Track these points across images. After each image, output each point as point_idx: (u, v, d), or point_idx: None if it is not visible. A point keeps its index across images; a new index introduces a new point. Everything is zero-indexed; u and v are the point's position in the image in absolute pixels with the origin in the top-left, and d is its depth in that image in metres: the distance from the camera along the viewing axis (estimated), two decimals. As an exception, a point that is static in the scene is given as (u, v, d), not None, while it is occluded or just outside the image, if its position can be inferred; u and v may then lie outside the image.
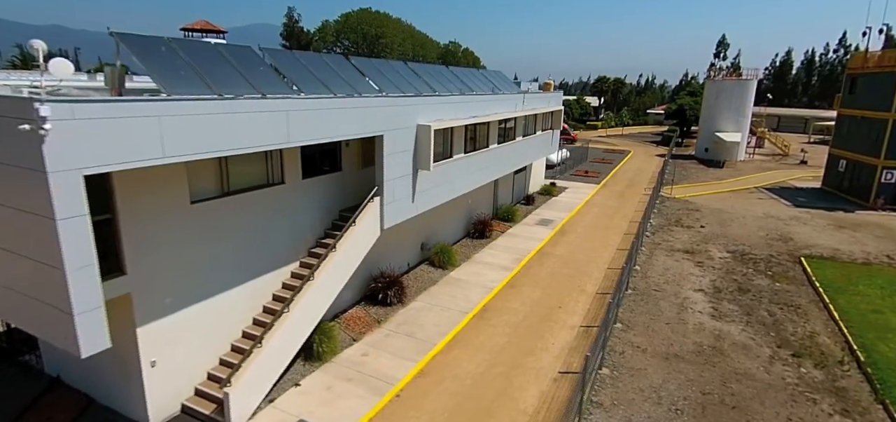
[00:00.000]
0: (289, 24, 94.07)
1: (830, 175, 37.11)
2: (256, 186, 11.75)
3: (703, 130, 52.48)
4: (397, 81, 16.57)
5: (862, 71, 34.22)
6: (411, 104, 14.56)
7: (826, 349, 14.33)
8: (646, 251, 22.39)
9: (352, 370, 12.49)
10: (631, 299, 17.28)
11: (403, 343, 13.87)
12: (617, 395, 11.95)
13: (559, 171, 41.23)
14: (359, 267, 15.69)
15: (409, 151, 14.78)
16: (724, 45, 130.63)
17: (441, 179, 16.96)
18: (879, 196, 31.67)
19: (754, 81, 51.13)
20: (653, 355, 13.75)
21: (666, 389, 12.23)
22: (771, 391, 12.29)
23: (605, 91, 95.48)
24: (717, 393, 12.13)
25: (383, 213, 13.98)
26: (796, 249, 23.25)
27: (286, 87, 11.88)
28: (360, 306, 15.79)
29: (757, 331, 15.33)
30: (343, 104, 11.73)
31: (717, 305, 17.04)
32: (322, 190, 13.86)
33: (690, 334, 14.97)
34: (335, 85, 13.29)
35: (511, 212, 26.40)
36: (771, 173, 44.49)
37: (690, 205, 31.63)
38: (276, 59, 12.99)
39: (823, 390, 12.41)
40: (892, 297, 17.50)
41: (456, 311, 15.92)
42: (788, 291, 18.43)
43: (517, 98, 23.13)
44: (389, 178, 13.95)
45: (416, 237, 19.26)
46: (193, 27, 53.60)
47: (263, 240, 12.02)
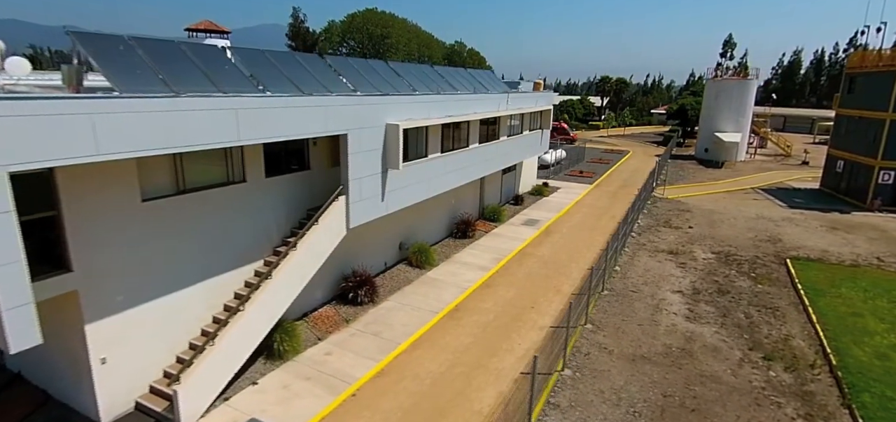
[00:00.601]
0: (294, 24, 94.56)
1: (828, 176, 36.57)
2: (215, 184, 11.75)
3: (703, 131, 51.95)
4: (375, 81, 16.54)
5: (860, 70, 33.68)
6: (380, 103, 14.51)
7: (799, 352, 14.09)
8: (629, 252, 22.19)
9: (312, 369, 12.47)
10: (606, 300, 17.12)
11: (368, 342, 13.83)
12: (576, 396, 11.82)
13: (554, 171, 41.02)
14: (330, 266, 15.78)
15: (378, 150, 14.73)
16: (730, 45, 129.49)
17: (414, 179, 16.89)
18: (876, 197, 31.16)
19: (755, 81, 50.56)
20: (619, 357, 13.59)
21: (627, 391, 12.08)
22: (735, 395, 12.09)
23: (607, 91, 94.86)
24: (679, 396, 11.96)
25: (349, 212, 13.93)
26: (784, 251, 22.92)
27: (251, 85, 11.93)
28: (331, 305, 15.78)
29: (730, 333, 15.11)
30: (301, 102, 11.70)
31: (694, 306, 16.82)
32: (288, 189, 13.85)
33: (661, 336, 14.78)
34: (306, 84, 13.28)
35: (497, 212, 26.28)
36: (770, 174, 43.94)
37: (682, 206, 31.31)
38: (245, 58, 13.03)
39: (790, 394, 12.19)
40: (873, 300, 17.17)
41: (426, 311, 15.85)
42: (769, 293, 18.16)
43: (500, 98, 23.01)
44: (355, 177, 13.90)
45: (393, 236, 19.22)
46: (197, 27, 53.94)
47: (223, 238, 12.02)
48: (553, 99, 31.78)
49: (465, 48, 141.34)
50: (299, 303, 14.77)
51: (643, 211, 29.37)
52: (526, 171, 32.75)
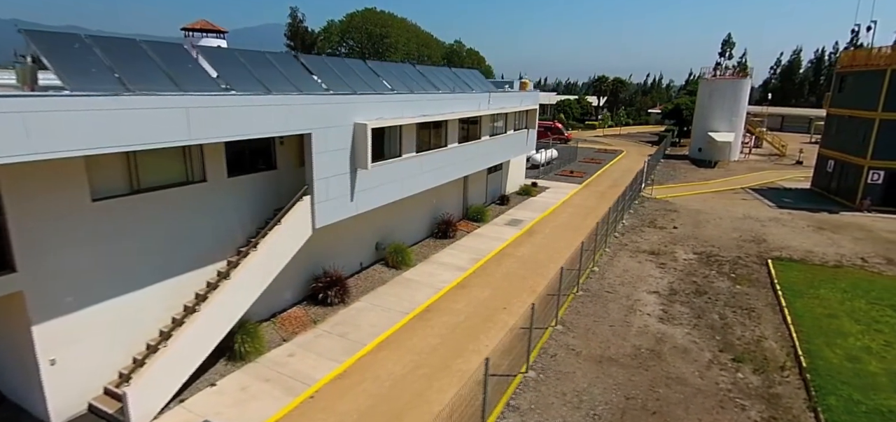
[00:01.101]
0: (293, 24, 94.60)
1: (819, 176, 36.33)
2: (173, 183, 11.63)
3: (697, 130, 51.71)
4: (351, 80, 16.44)
5: (851, 69, 33.44)
6: (347, 102, 14.39)
7: (770, 354, 13.91)
8: (610, 252, 22.02)
9: (273, 371, 12.35)
10: (580, 300, 16.97)
11: (333, 344, 13.71)
12: (537, 399, 11.67)
13: (544, 170, 40.86)
14: (300, 266, 15.70)
15: (346, 149, 14.61)
16: (729, 45, 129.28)
17: (387, 178, 16.77)
18: (866, 197, 30.92)
19: (748, 81, 50.29)
20: (586, 358, 13.45)
21: (590, 393, 11.93)
22: (699, 397, 11.93)
23: (604, 91, 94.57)
24: (642, 398, 11.80)
25: (315, 212, 13.81)
26: (767, 251, 22.72)
27: (214, 84, 11.85)
28: (301, 306, 15.66)
29: (702, 334, 14.94)
30: (259, 101, 11.58)
31: (669, 307, 16.66)
32: (253, 188, 13.72)
33: (632, 337, 14.63)
34: (276, 84, 13.20)
35: (481, 212, 26.13)
36: (762, 174, 43.70)
37: (669, 206, 31.12)
38: (213, 58, 12.96)
39: (755, 397, 12.02)
40: (851, 301, 16.98)
41: (397, 312, 15.72)
42: (747, 293, 17.98)
43: (481, 97, 22.87)
44: (321, 176, 13.79)
45: (369, 236, 19.10)
46: (193, 27, 53.93)
47: (183, 239, 11.91)
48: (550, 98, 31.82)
49: (464, 48, 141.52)
50: (267, 303, 14.73)
51: (629, 211, 29.20)
52: (513, 170, 32.59)
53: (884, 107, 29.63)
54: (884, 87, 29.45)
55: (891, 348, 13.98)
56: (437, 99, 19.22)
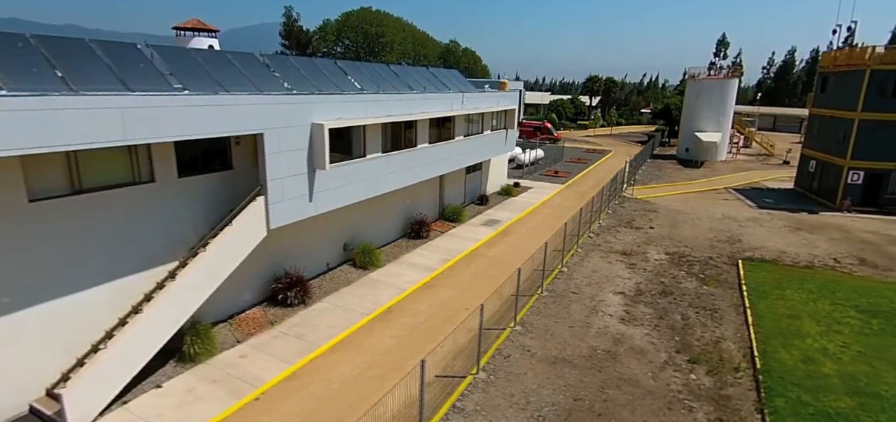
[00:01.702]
0: (287, 23, 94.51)
1: (802, 176, 36.31)
2: (118, 184, 11.56)
3: (684, 130, 51.69)
4: (318, 80, 16.44)
5: (832, 69, 33.41)
6: (303, 102, 14.33)
7: (726, 356, 13.87)
8: (582, 252, 21.98)
9: (222, 372, 12.29)
10: (543, 301, 16.93)
11: (288, 345, 13.64)
12: (484, 400, 11.62)
13: (529, 171, 40.83)
14: (260, 267, 15.65)
15: (303, 149, 14.55)
16: (724, 44, 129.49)
17: (350, 179, 16.71)
18: (846, 197, 30.89)
19: (735, 81, 50.27)
20: (541, 359, 13.40)
21: (538, 394, 11.88)
22: (649, 398, 11.89)
23: (596, 90, 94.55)
24: (590, 399, 11.76)
25: (269, 212, 13.74)
26: (740, 252, 22.69)
27: (166, 84, 11.81)
28: (261, 307, 15.60)
29: (662, 335, 14.90)
30: (205, 101, 11.51)
31: (632, 308, 16.61)
32: (208, 189, 13.63)
33: (590, 338, 14.58)
34: (236, 83, 13.20)
35: (458, 212, 26.07)
36: (747, 174, 43.68)
37: (649, 206, 31.08)
38: (168, 58, 12.91)
39: (705, 398, 11.98)
40: (816, 302, 16.94)
41: (358, 312, 15.66)
42: (713, 294, 17.94)
43: (454, 97, 22.80)
44: (276, 177, 13.72)
45: (337, 236, 19.04)
46: (184, 26, 53.94)
47: (130, 240, 11.82)
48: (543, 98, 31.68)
49: (459, 47, 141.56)
50: (225, 305, 14.69)
51: (608, 211, 29.17)
52: (494, 170, 32.53)
53: (863, 107, 29.60)
54: (863, 87, 29.42)
55: (848, 349, 13.94)
56: (406, 99, 19.15)
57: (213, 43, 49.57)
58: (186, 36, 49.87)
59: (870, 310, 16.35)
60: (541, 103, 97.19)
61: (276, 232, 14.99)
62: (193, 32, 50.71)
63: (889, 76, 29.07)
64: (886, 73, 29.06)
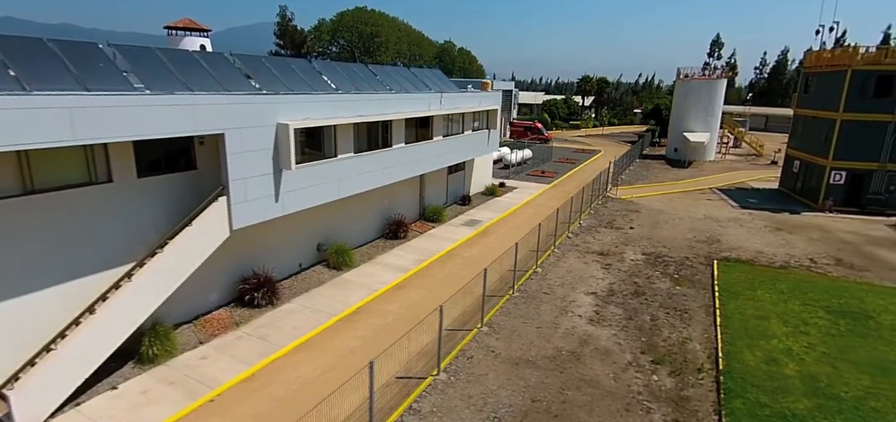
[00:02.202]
0: (282, 23, 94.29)
1: (786, 176, 36.37)
2: (73, 184, 11.47)
3: (673, 131, 51.74)
4: (291, 81, 16.38)
5: (816, 70, 33.46)
6: (267, 102, 14.25)
7: (691, 357, 13.85)
8: (558, 253, 21.95)
9: (180, 374, 12.21)
10: (514, 301, 16.90)
11: (251, 346, 13.57)
12: (442, 402, 11.58)
13: (515, 171, 40.81)
14: (228, 268, 15.59)
15: (268, 149, 14.47)
16: (718, 45, 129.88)
17: (320, 179, 16.64)
18: (828, 197, 30.95)
19: (723, 82, 50.28)
20: (504, 360, 13.35)
21: (497, 396, 11.84)
22: (607, 400, 11.85)
23: (588, 91, 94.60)
24: (548, 401, 11.72)
25: (232, 213, 13.66)
26: (718, 252, 22.69)
27: (126, 83, 11.73)
28: (228, 308, 15.52)
29: (629, 336, 14.87)
30: (158, 101, 11.40)
31: (602, 309, 16.59)
32: (170, 189, 13.54)
33: (556, 339, 14.54)
34: (202, 84, 13.13)
35: (438, 212, 26.02)
36: (734, 174, 43.74)
37: (632, 206, 31.08)
38: (131, 57, 12.83)
39: (664, 400, 11.95)
40: (786, 302, 16.94)
41: (326, 313, 15.59)
42: (685, 295, 17.93)
43: (432, 97, 22.76)
44: (238, 177, 13.64)
45: (310, 237, 18.96)
46: (176, 25, 53.72)
47: (86, 241, 11.72)
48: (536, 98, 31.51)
49: (455, 47, 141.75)
50: (190, 305, 14.64)
51: (590, 211, 29.16)
52: (478, 170, 32.48)
53: (844, 107, 29.66)
54: (844, 87, 29.47)
55: (812, 350, 13.94)
56: (378, 99, 19.09)
57: (205, 43, 49.34)
58: (178, 35, 49.66)
59: (839, 311, 16.36)
60: (534, 103, 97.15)
61: (244, 232, 14.94)
62: (185, 32, 50.53)
63: (870, 76, 29.14)
64: (867, 74, 29.13)
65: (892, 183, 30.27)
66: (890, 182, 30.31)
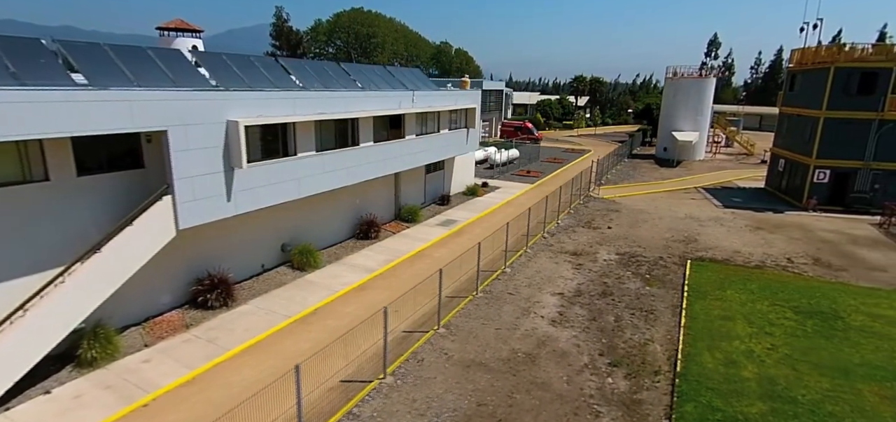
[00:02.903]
0: (278, 23, 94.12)
1: (772, 175, 36.00)
2: (6, 182, 11.15)
3: (662, 130, 51.37)
4: (254, 78, 16.10)
5: (800, 68, 33.09)
6: (216, 98, 13.92)
7: (650, 359, 13.48)
8: (531, 253, 21.60)
9: (119, 377, 11.87)
10: (476, 302, 16.55)
11: (197, 349, 13.22)
12: (384, 406, 11.23)
13: (501, 170, 40.47)
14: (182, 268, 15.28)
15: (218, 147, 14.14)
16: (715, 45, 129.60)
17: (277, 177, 16.31)
18: (812, 196, 30.55)
19: (712, 81, 49.92)
20: (456, 363, 13.00)
21: (442, 399, 11.49)
22: (556, 403, 11.49)
23: (581, 90, 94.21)
24: (495, 404, 11.36)
25: (178, 212, 13.31)
26: (694, 252, 22.32)
27: (67, 79, 11.43)
28: (181, 310, 15.18)
29: (590, 337, 14.51)
30: (90, 97, 11.07)
31: (566, 310, 16.22)
32: (114, 188, 13.21)
33: (514, 341, 14.18)
34: (153, 80, 12.86)
35: (414, 212, 25.68)
36: (722, 173, 43.36)
37: (613, 206, 30.71)
38: (77, 54, 12.53)
39: (616, 403, 11.59)
40: (755, 303, 16.56)
41: (281, 315, 15.24)
42: (654, 295, 17.55)
43: (403, 95, 22.42)
44: (185, 175, 13.31)
45: (273, 237, 18.62)
46: (168, 26, 53.61)
47: (19, 240, 11.41)
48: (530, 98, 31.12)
49: (452, 48, 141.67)
50: (141, 307, 14.35)
51: (569, 211, 28.80)
52: (459, 170, 32.13)
53: (827, 105, 29.28)
54: (827, 85, 29.10)
55: (774, 351, 13.57)
56: (341, 96, 18.75)
57: (197, 43, 49.19)
58: (170, 36, 49.52)
59: (808, 311, 15.98)
60: (529, 103, 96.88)
61: (198, 232, 14.68)
62: (177, 32, 50.38)
63: (854, 73, 28.77)
64: (851, 71, 28.76)
65: (876, 182, 29.89)
66: (874, 181, 29.93)
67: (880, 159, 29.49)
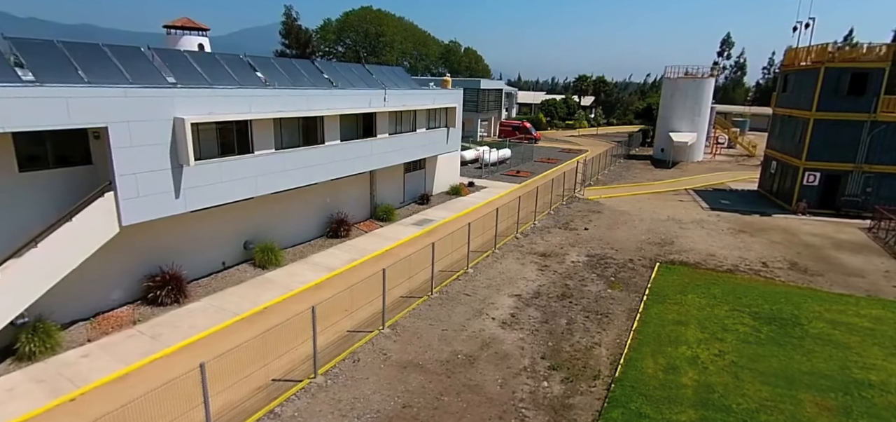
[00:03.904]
0: (287, 22, 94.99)
1: (764, 177, 35.28)
2: (-61, 178, 11.35)
3: (660, 130, 50.65)
4: (216, 75, 16.28)
5: (793, 68, 32.35)
6: (161, 95, 13.97)
7: (593, 363, 13.25)
8: (499, 254, 21.43)
9: (55, 372, 11.98)
10: (429, 303, 16.44)
11: (137, 345, 13.30)
12: (307, 406, 11.18)
13: (490, 170, 40.25)
14: (135, 264, 15.43)
15: (165, 144, 14.21)
16: (728, 44, 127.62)
17: (231, 175, 16.35)
18: (802, 199, 29.86)
19: (711, 81, 49.07)
20: (393, 364, 12.91)
21: (368, 400, 11.41)
22: (484, 407, 11.35)
23: (585, 90, 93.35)
24: (419, 407, 11.25)
25: (121, 209, 13.40)
26: (666, 254, 21.94)
27: (13, 75, 11.61)
28: (131, 306, 15.29)
29: (536, 340, 14.32)
30: (24, 93, 11.16)
31: (520, 311, 16.04)
32: (60, 184, 13.35)
33: (457, 342, 14.05)
34: (105, 76, 13.09)
35: (389, 211, 25.65)
36: (717, 175, 42.65)
37: (596, 207, 30.34)
38: (23, 50, 12.74)
39: (545, 408, 11.40)
40: (714, 307, 16.21)
41: (230, 313, 15.29)
42: (614, 298, 17.27)
43: (373, 94, 22.37)
44: (128, 171, 13.39)
45: (235, 234, 18.69)
46: (175, 24, 54.46)
47: (-44, 234, 11.60)
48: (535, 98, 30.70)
49: (460, 47, 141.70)
50: (89, 302, 14.51)
51: (549, 212, 28.52)
52: (443, 169, 32.00)
53: (817, 106, 28.58)
54: (818, 85, 28.40)
55: (721, 358, 13.25)
56: (304, 95, 18.75)
57: (203, 41, 49.96)
58: (177, 34, 50.39)
59: (767, 317, 15.59)
60: (533, 103, 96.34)
61: (152, 228, 14.91)
62: (184, 31, 51.26)
63: (844, 74, 28.04)
64: (841, 71, 28.03)
65: (868, 185, 29.11)
66: (866, 184, 29.16)
67: (872, 162, 28.72)
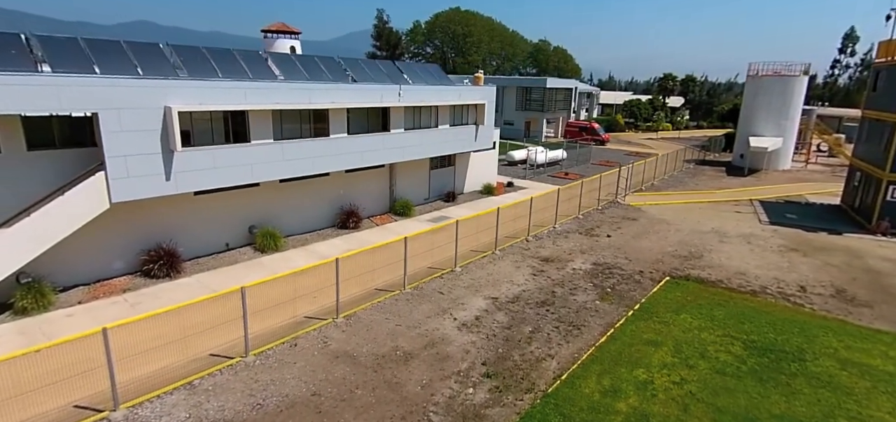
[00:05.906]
0: (379, 25, 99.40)
1: (848, 191, 30.56)
2: (-43, 152, 13.33)
3: (740, 134, 45.76)
4: (229, 69, 17.64)
5: (886, 63, 27.66)
6: (152, 85, 15.22)
7: (535, 376, 12.37)
8: (498, 255, 20.73)
9: (37, 327, 13.55)
10: (397, 298, 16.36)
11: (118, 311, 14.64)
12: (224, 382, 11.65)
13: (538, 171, 39.01)
14: (137, 239, 17.03)
15: (155, 130, 15.48)
16: (852, 39, 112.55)
17: (225, 162, 17.39)
18: (883, 217, 25.47)
19: (803, 79, 43.24)
20: (328, 353, 13.03)
21: (283, 384, 11.61)
22: (392, 405, 11.07)
23: (670, 89, 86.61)
24: (328, 396, 11.24)
25: (111, 187, 14.83)
26: (685, 269, 19.86)
27: (33, 66, 13.51)
28: (129, 277, 16.88)
29: (487, 345, 13.68)
30: (17, 81, 12.76)
31: (487, 315, 15.41)
32: (63, 163, 15.03)
33: (403, 339, 13.83)
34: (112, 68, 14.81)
35: (407, 206, 25.86)
36: (798, 186, 37.64)
37: (634, 213, 28.19)
38: (46, 45, 14.66)
39: (456, 415, 10.85)
40: (701, 331, 14.37)
41: (210, 289, 16.28)
42: (598, 310, 15.99)
43: (386, 89, 22.61)
44: (118, 154, 14.78)
45: (240, 218, 19.88)
46: (271, 28, 60.01)
47: (-28, 202, 13.57)
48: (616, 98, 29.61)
49: (549, 46, 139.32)
50: (91, 269, 16.21)
51: (578, 215, 27.01)
52: (476, 167, 31.56)
53: (909, 109, 24.22)
54: (910, 85, 24.06)
55: (679, 387, 11.72)
56: (307, 88, 19.43)
57: (295, 44, 54.48)
58: (272, 38, 55.50)
59: (764, 347, 13.54)
60: (615, 103, 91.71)
61: (151, 206, 16.42)
62: (278, 35, 56.21)
63: (947, 72, 23.46)
64: (942, 69, 23.48)
65: (975, 205, 24.13)
66: (973, 204, 24.19)
67: (983, 178, 23.75)
